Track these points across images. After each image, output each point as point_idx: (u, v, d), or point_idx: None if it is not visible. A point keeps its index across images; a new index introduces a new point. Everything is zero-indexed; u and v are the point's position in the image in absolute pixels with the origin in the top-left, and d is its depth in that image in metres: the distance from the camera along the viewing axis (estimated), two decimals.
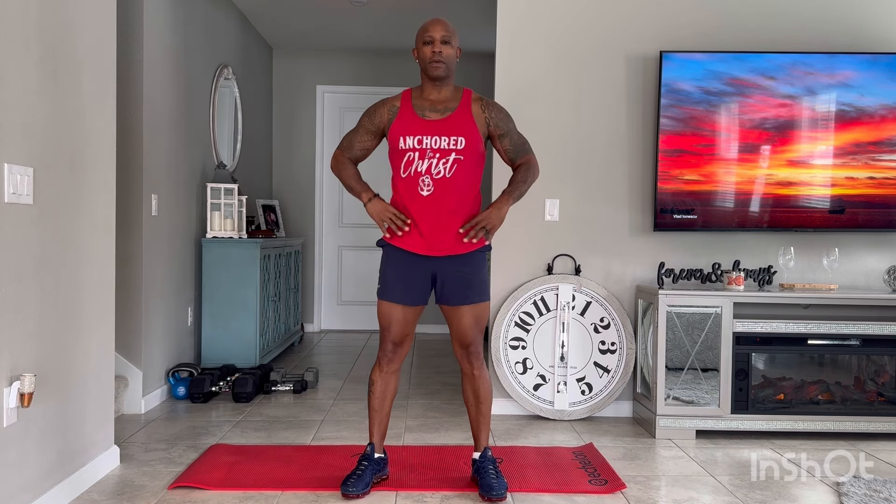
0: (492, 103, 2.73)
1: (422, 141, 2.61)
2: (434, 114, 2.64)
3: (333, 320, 6.98)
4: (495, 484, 2.64)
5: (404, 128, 2.63)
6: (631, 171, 3.95)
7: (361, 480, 2.65)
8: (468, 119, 2.65)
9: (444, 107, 2.66)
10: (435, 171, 2.61)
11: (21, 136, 2.25)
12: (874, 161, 3.80)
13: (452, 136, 2.61)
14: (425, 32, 2.65)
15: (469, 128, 2.63)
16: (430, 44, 2.63)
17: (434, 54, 2.61)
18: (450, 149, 2.61)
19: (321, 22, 5.92)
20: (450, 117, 2.63)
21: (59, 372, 2.51)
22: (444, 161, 2.61)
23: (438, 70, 2.62)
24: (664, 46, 3.87)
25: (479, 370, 2.74)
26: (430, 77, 2.64)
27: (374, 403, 2.75)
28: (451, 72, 2.66)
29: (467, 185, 2.65)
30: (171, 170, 4.17)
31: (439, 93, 2.67)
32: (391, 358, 2.73)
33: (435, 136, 2.61)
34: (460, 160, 2.61)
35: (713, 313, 3.56)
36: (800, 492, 2.85)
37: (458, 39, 2.68)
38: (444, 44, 2.62)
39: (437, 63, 2.61)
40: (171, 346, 4.24)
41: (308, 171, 6.85)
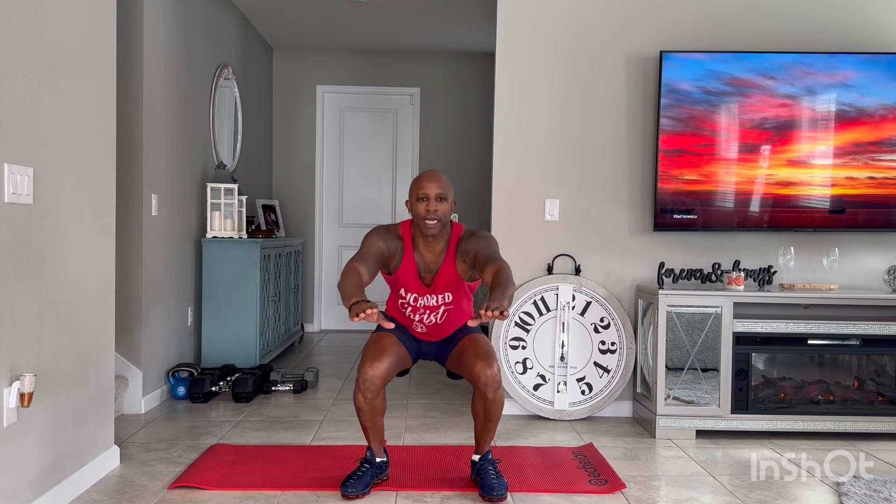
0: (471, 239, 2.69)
1: (417, 300, 2.74)
2: (428, 274, 2.74)
3: (333, 320, 6.98)
4: (496, 484, 2.64)
5: (405, 282, 2.74)
6: (631, 171, 3.95)
7: (361, 481, 2.65)
8: (453, 275, 2.72)
9: (434, 265, 2.73)
10: (428, 320, 2.78)
11: (21, 136, 2.25)
12: (874, 161, 3.80)
13: (441, 294, 2.73)
14: (420, 188, 2.63)
15: (455, 283, 2.73)
16: (424, 201, 2.62)
17: (428, 213, 2.62)
18: (439, 304, 2.75)
19: (321, 22, 5.92)
20: (438, 276, 2.72)
21: (59, 372, 2.51)
22: (435, 313, 2.76)
23: (433, 229, 2.65)
24: (664, 46, 3.87)
25: (495, 394, 2.61)
26: (424, 233, 2.67)
27: (366, 423, 2.71)
28: (445, 226, 2.70)
29: (458, 318, 2.80)
30: (171, 170, 4.17)
31: (432, 250, 2.72)
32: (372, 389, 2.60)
33: (427, 295, 2.73)
34: (451, 308, 2.76)
35: (713, 313, 3.56)
36: (800, 492, 2.85)
37: (452, 193, 2.69)
38: (438, 201, 2.62)
39: (431, 222, 2.63)
40: (171, 346, 4.24)
41: (308, 171, 6.86)
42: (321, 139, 6.89)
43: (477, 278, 2.76)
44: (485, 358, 2.61)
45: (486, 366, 2.59)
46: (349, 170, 6.94)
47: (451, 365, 2.82)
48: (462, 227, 2.76)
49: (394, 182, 6.95)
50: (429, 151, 6.87)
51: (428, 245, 2.71)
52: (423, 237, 2.70)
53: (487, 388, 2.59)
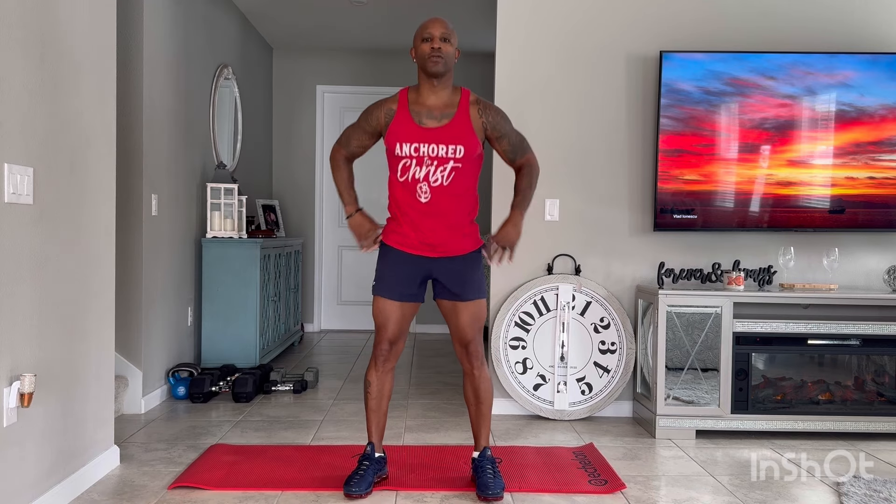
0: (489, 106, 2.70)
1: (419, 149, 2.58)
2: (431, 121, 2.61)
3: (333, 320, 6.98)
4: (491, 483, 2.64)
5: (401, 134, 2.60)
6: (631, 171, 3.95)
7: (364, 480, 2.65)
8: (466, 126, 2.61)
9: (441, 113, 2.62)
10: (433, 178, 2.59)
11: (21, 136, 2.25)
12: (874, 161, 3.80)
13: (451, 144, 2.58)
14: (424, 30, 2.62)
15: (467, 136, 2.60)
16: (428, 40, 2.59)
17: (433, 50, 2.57)
18: (448, 157, 2.59)
19: (321, 22, 5.92)
20: (447, 125, 2.60)
21: (59, 372, 2.51)
22: (441, 169, 2.59)
23: (437, 65, 2.57)
24: (664, 46, 3.87)
25: (479, 369, 2.74)
26: (429, 73, 2.59)
27: (372, 404, 2.75)
28: (450, 70, 2.62)
29: (465, 191, 2.64)
30: (171, 170, 4.17)
31: (437, 96, 2.63)
32: (387, 357, 2.73)
33: (433, 145, 2.58)
34: (458, 168, 2.60)
35: (713, 313, 3.56)
36: (800, 492, 2.85)
37: (456, 39, 2.65)
38: (443, 41, 2.59)
39: (435, 58, 2.56)
40: (171, 346, 4.24)
41: (308, 171, 6.86)
42: (321, 139, 6.89)
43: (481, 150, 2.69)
44: (472, 328, 2.69)
45: (470, 334, 2.69)
46: None
47: (445, 312, 2.73)
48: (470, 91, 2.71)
49: None
50: None
51: (433, 90, 2.62)
52: (428, 82, 2.62)
53: (471, 356, 2.70)
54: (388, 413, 2.82)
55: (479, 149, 2.66)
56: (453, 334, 2.74)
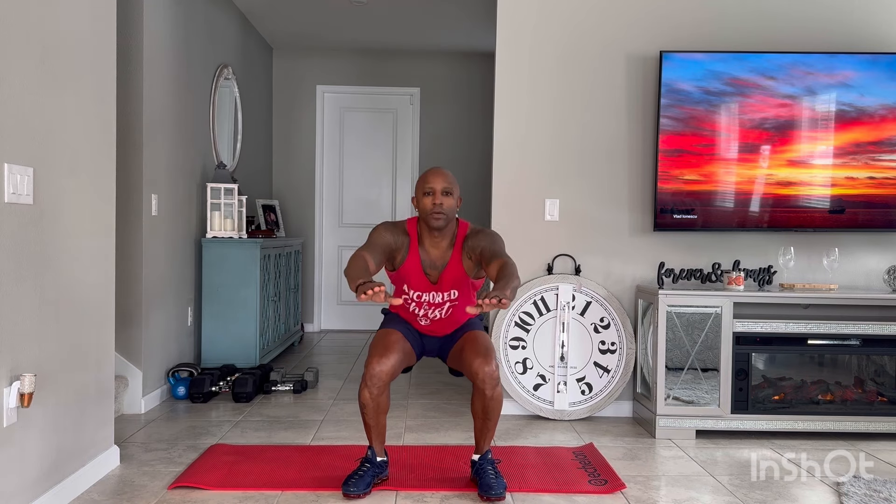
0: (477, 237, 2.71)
1: (421, 296, 2.76)
2: (433, 271, 2.75)
3: (333, 320, 6.98)
4: (494, 483, 2.64)
5: (409, 278, 2.75)
6: (631, 171, 3.95)
7: (363, 481, 2.66)
8: (459, 273, 2.74)
9: (440, 262, 2.74)
10: (432, 315, 2.79)
11: (21, 136, 2.25)
12: (874, 161, 3.80)
13: (447, 291, 2.75)
14: (426, 183, 2.69)
15: (461, 280, 2.74)
16: (430, 195, 2.67)
17: (435, 206, 2.65)
18: (444, 301, 2.76)
19: (321, 22, 5.92)
20: (444, 273, 2.73)
21: (59, 372, 2.51)
22: (440, 309, 2.78)
23: (439, 222, 2.67)
24: (664, 46, 3.87)
25: (493, 390, 2.63)
26: (430, 227, 2.70)
27: (369, 421, 2.71)
28: (451, 221, 2.72)
29: (463, 315, 2.80)
30: (171, 170, 4.17)
31: (437, 246, 2.74)
32: (378, 385, 2.61)
33: (433, 293, 2.74)
34: (455, 305, 2.78)
35: (713, 313, 3.56)
36: (800, 492, 2.85)
37: (458, 189, 2.72)
38: (444, 195, 2.66)
39: (437, 214, 2.66)
40: (171, 346, 4.24)
41: (308, 171, 6.86)
42: (321, 139, 6.88)
43: (482, 276, 2.78)
44: (483, 355, 2.63)
45: (485, 362, 2.60)
46: (349, 170, 6.94)
47: (452, 361, 2.83)
48: (469, 225, 2.79)
49: (394, 182, 6.95)
50: (429, 151, 6.87)
51: (434, 241, 2.73)
52: (429, 233, 2.72)
53: (485, 384, 2.61)
54: (389, 413, 2.81)
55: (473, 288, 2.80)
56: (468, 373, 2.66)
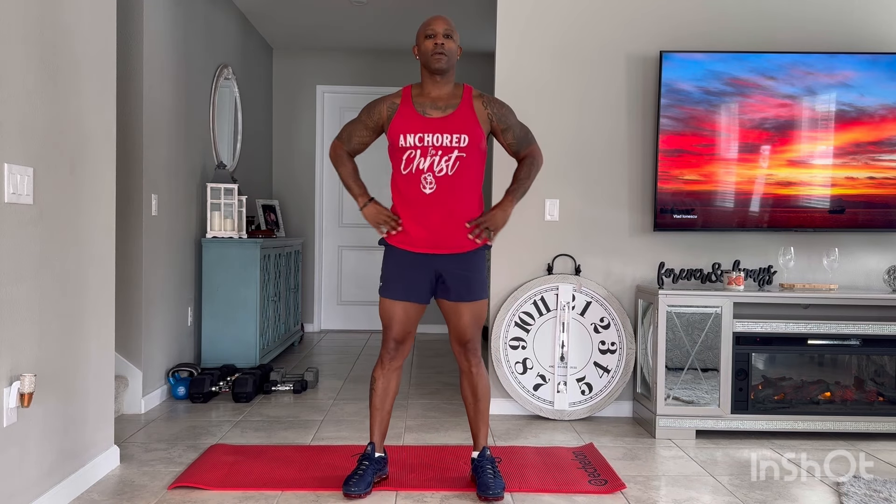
0: (493, 99, 2.73)
1: (423, 139, 2.60)
2: (435, 111, 2.63)
3: (333, 320, 6.98)
4: (492, 483, 2.64)
5: (405, 125, 2.63)
6: (631, 171, 3.95)
7: (363, 480, 2.65)
8: (471, 116, 2.64)
9: (445, 104, 2.65)
10: (437, 168, 2.60)
11: (21, 136, 2.25)
12: (874, 161, 3.80)
13: (455, 133, 2.60)
14: (427, 27, 2.66)
15: (472, 125, 2.63)
16: (432, 37, 2.63)
17: (436, 46, 2.61)
18: (452, 146, 2.60)
19: (321, 22, 5.92)
20: (452, 115, 2.63)
21: (59, 372, 2.51)
22: (446, 159, 2.60)
23: (440, 62, 2.61)
24: (664, 46, 3.87)
25: (477, 367, 2.75)
26: (432, 70, 2.63)
27: (376, 401, 2.75)
28: (453, 66, 2.66)
29: (470, 183, 2.65)
30: (171, 170, 4.17)
31: (440, 89, 2.66)
32: (393, 355, 2.74)
33: (437, 134, 2.60)
34: (463, 157, 2.60)
35: (713, 313, 3.56)
36: (800, 492, 2.85)
37: (458, 37, 2.68)
38: (446, 37, 2.63)
39: (439, 55, 2.60)
40: (171, 346, 4.24)
41: (308, 171, 6.86)
42: (321, 139, 6.88)
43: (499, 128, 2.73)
44: (471, 326, 2.70)
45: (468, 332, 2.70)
46: None
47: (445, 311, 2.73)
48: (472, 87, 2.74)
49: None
50: None
51: (436, 84, 2.66)
52: (431, 78, 2.66)
53: (468, 352, 2.70)
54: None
55: (484, 140, 2.67)
56: (452, 333, 2.74)
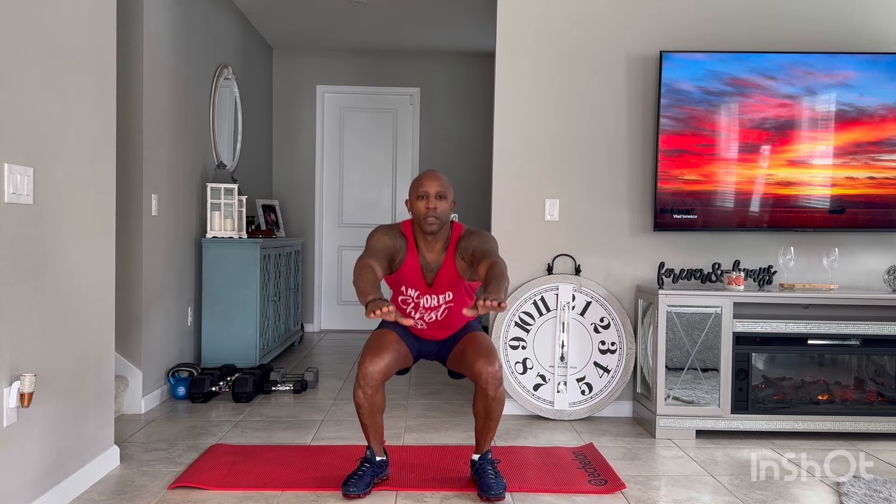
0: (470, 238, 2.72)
1: (419, 297, 2.76)
2: (429, 273, 2.76)
3: (333, 320, 6.98)
4: (493, 483, 2.64)
5: (409, 281, 2.75)
6: (631, 171, 3.95)
7: (362, 481, 2.66)
8: (453, 275, 2.74)
9: (435, 264, 2.75)
10: (428, 317, 2.79)
11: (21, 136, 2.25)
12: (874, 161, 3.80)
13: (442, 293, 2.75)
14: (420, 187, 2.68)
15: (455, 283, 2.75)
16: (424, 199, 2.66)
17: (428, 211, 2.65)
18: (440, 304, 2.77)
19: (321, 22, 5.92)
20: (439, 276, 2.74)
21: (59, 372, 2.51)
22: (435, 311, 2.78)
23: (432, 226, 2.67)
24: (664, 46, 3.87)
25: (496, 391, 2.62)
26: (424, 231, 2.70)
27: (366, 421, 2.72)
28: (445, 224, 2.72)
29: (458, 316, 2.79)
30: (171, 170, 4.17)
31: (432, 248, 2.75)
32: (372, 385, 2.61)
33: (428, 296, 2.75)
34: (451, 306, 2.77)
35: (713, 313, 3.56)
36: (800, 492, 2.85)
37: (452, 192, 2.72)
38: (438, 199, 2.66)
39: (431, 219, 2.66)
40: (171, 346, 4.24)
41: (308, 171, 6.86)
42: (321, 139, 6.89)
43: (477, 280, 2.76)
44: (486, 355, 2.63)
45: (488, 363, 2.60)
46: (349, 170, 6.94)
47: (453, 363, 2.82)
48: (462, 227, 2.79)
49: (394, 182, 6.95)
50: (429, 151, 6.87)
51: (428, 244, 2.74)
52: (424, 237, 2.73)
53: (489, 385, 2.60)
54: (388, 413, 2.83)
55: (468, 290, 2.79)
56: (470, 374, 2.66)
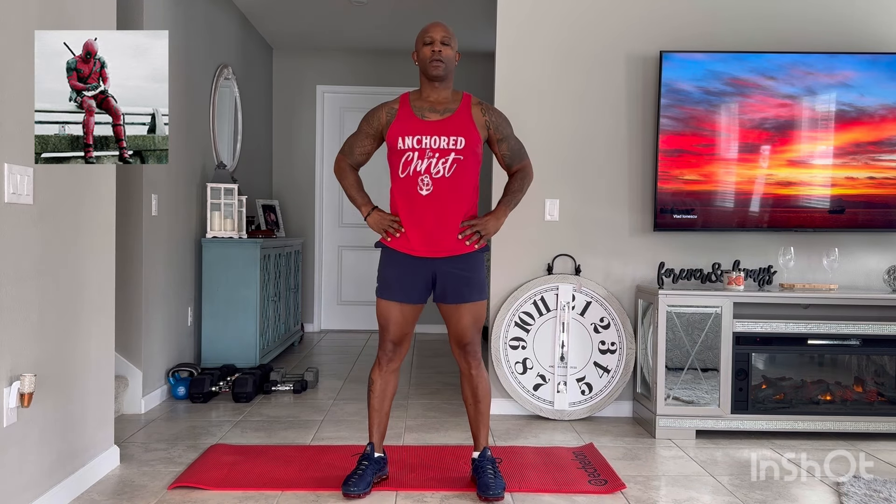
0: (491, 108, 2.76)
1: (421, 141, 2.62)
2: (433, 114, 2.66)
3: (333, 320, 6.98)
4: (492, 483, 2.64)
5: (403, 128, 2.65)
6: (631, 171, 3.95)
7: (363, 480, 2.65)
8: (468, 120, 2.67)
9: (443, 108, 2.67)
10: (434, 170, 2.62)
11: (21, 136, 2.25)
12: (874, 161, 3.80)
13: (452, 135, 2.62)
14: (425, 34, 2.68)
15: (469, 128, 2.65)
16: (429, 44, 2.66)
17: (434, 53, 2.63)
18: (449, 148, 2.62)
19: (321, 22, 5.92)
20: (449, 118, 2.65)
21: (59, 372, 2.51)
22: (443, 161, 2.62)
23: (438, 69, 2.63)
24: (664, 46, 3.87)
25: (477, 369, 2.76)
26: (430, 77, 2.66)
27: (374, 402, 2.76)
28: (450, 73, 2.69)
29: (466, 185, 2.66)
30: (171, 170, 4.17)
31: (439, 93, 2.69)
32: (391, 357, 2.75)
33: (434, 136, 2.62)
34: (460, 160, 2.62)
35: (713, 313, 3.56)
36: (800, 492, 2.85)
37: (457, 43, 2.71)
38: (443, 44, 2.65)
39: (436, 62, 2.63)
40: (171, 346, 4.24)
41: (308, 171, 6.86)
42: (321, 139, 6.89)
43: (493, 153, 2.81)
44: (468, 331, 2.70)
45: (466, 337, 2.70)
46: None
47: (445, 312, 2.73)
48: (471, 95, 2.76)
49: None
50: None
51: (434, 89, 2.69)
52: (430, 84, 2.68)
53: (470, 361, 2.71)
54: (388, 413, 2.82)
55: (480, 146, 2.69)
56: (452, 335, 2.75)
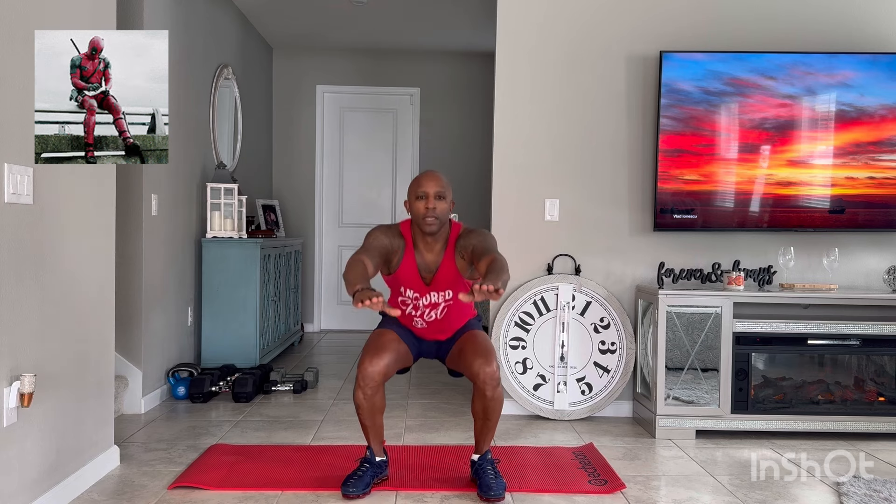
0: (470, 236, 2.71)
1: (417, 298, 2.74)
2: (428, 274, 2.74)
3: (333, 320, 6.98)
4: (493, 484, 2.64)
5: (407, 281, 2.73)
6: (631, 171, 3.95)
7: (362, 481, 2.66)
8: (453, 273, 2.72)
9: (433, 264, 2.74)
10: (427, 316, 2.77)
11: (21, 136, 2.25)
12: (874, 161, 3.80)
13: (441, 291, 2.73)
14: (419, 187, 2.66)
15: (454, 281, 2.73)
16: (423, 199, 2.65)
17: (428, 211, 2.64)
18: (440, 301, 2.75)
19: (321, 22, 5.92)
20: (437, 276, 2.72)
21: (59, 372, 2.51)
22: (435, 310, 2.76)
23: (432, 227, 2.66)
24: (664, 46, 3.87)
25: (494, 391, 2.62)
26: (423, 232, 2.69)
27: (365, 421, 2.72)
28: (444, 224, 2.71)
29: (458, 314, 2.80)
30: (171, 170, 4.17)
31: (431, 249, 2.73)
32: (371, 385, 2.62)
33: (427, 294, 2.73)
34: (450, 304, 2.76)
35: (713, 313, 3.56)
36: (800, 492, 2.85)
37: (451, 192, 2.71)
38: (437, 199, 2.64)
39: (430, 219, 2.64)
40: (171, 346, 4.24)
41: (308, 171, 6.86)
42: (321, 139, 6.89)
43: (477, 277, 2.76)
44: (484, 355, 2.63)
45: (485, 363, 2.60)
46: (349, 170, 6.94)
47: (452, 362, 2.82)
48: (461, 226, 2.78)
49: (394, 182, 6.95)
50: (429, 151, 6.87)
51: (427, 244, 2.73)
52: (423, 237, 2.72)
53: (486, 385, 2.60)
54: (388, 413, 2.83)
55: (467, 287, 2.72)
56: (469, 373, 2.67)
